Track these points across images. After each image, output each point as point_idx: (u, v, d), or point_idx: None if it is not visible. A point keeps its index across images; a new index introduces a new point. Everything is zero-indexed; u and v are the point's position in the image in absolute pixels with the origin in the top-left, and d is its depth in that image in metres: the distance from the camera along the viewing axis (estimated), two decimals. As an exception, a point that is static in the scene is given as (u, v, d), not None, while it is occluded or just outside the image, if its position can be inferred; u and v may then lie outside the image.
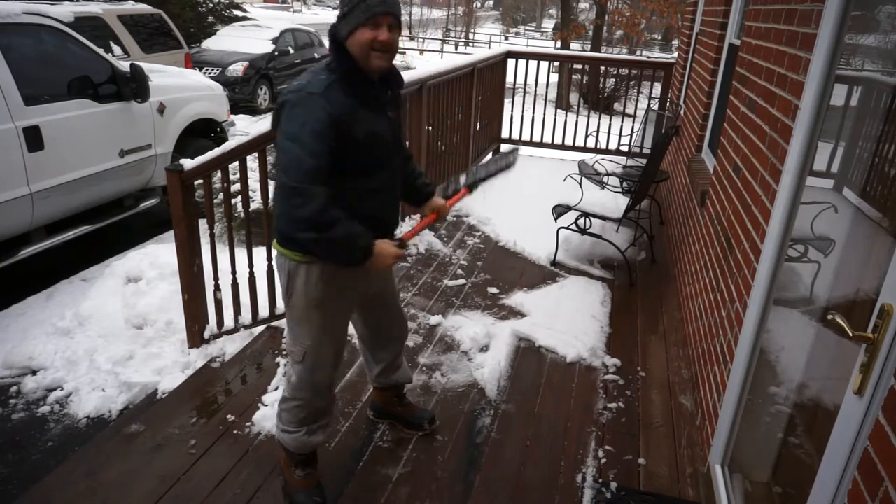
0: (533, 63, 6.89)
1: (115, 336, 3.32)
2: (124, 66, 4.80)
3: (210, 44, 12.72)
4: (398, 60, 24.97)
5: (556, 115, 7.18)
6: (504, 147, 7.09)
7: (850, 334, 1.25)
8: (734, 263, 2.52)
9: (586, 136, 6.72)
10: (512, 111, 6.95)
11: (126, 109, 4.78)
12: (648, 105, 6.70)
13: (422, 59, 24.98)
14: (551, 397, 2.89)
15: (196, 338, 3.18)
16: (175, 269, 3.18)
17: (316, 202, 1.69)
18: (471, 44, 33.00)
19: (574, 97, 14.70)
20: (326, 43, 2.21)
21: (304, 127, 1.71)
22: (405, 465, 2.41)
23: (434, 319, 3.42)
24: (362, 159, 1.86)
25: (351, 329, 2.30)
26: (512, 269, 4.18)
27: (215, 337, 3.23)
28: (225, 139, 5.84)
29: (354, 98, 1.80)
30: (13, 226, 4.00)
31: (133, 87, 4.75)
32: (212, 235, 3.12)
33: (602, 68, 9.00)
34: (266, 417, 2.57)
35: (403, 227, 4.31)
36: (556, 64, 14.36)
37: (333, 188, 1.76)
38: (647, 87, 8.09)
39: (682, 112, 5.74)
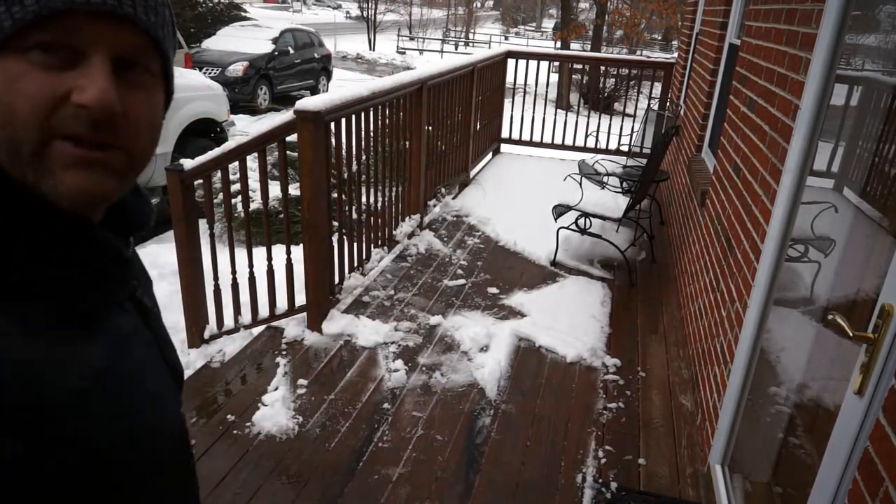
0: (533, 63, 6.89)
1: (115, 336, 3.32)
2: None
3: (210, 44, 12.73)
4: (398, 60, 24.70)
5: (556, 114, 7.18)
6: (504, 147, 7.09)
7: (851, 334, 1.25)
8: (734, 263, 2.52)
9: (586, 135, 6.71)
10: (512, 111, 6.95)
11: (126, 109, 4.78)
12: (648, 105, 6.69)
13: (422, 59, 25.01)
14: (551, 397, 2.89)
15: (196, 337, 3.18)
16: (175, 269, 3.19)
17: None
18: (471, 44, 33.01)
19: (574, 97, 14.70)
20: (327, 43, 2.10)
21: None
22: (405, 465, 2.40)
23: (434, 319, 3.42)
24: None
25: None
26: (512, 269, 4.18)
27: (215, 337, 3.23)
28: (225, 139, 5.85)
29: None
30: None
31: (133, 86, 4.75)
32: (212, 235, 3.12)
33: (602, 68, 8.99)
34: (266, 417, 2.57)
35: (403, 228, 4.30)
36: (556, 64, 14.37)
37: None
38: (647, 87, 8.09)
39: (682, 112, 5.74)
